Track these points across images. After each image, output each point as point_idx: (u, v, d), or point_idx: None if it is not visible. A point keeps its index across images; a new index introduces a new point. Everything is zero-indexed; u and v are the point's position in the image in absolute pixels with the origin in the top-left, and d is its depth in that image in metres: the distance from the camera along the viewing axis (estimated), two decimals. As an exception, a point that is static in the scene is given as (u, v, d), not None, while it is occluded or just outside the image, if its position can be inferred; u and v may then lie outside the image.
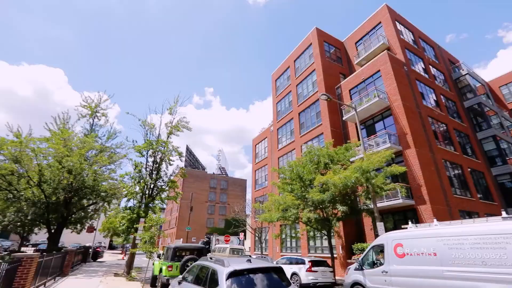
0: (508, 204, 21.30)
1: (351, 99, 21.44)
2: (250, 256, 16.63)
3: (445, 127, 20.75)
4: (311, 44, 26.23)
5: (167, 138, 17.02)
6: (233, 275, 4.98)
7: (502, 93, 34.55)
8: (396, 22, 23.05)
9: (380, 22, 23.42)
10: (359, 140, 15.53)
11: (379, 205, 15.59)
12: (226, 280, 4.85)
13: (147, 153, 16.30)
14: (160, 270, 11.48)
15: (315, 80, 24.34)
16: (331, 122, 21.59)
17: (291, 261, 14.58)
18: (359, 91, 21.00)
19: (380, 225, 11.46)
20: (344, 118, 20.74)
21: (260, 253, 24.77)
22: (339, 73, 25.27)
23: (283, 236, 22.63)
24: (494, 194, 21.13)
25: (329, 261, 15.03)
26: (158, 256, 12.83)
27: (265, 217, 16.14)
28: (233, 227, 29.30)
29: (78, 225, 20.34)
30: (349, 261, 16.49)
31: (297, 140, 25.00)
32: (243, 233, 27.33)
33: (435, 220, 8.52)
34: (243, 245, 26.44)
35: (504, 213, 7.26)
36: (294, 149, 25.16)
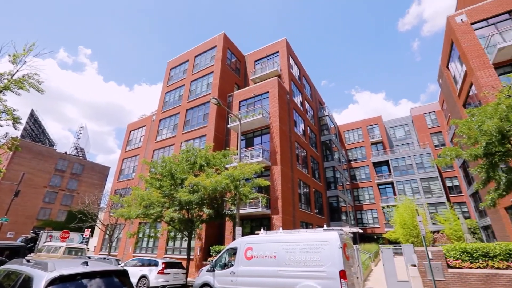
0: (332, 219, 28.39)
1: (239, 110, 22.80)
2: (89, 257, 14.12)
3: (305, 153, 25.44)
4: (215, 46, 26.39)
5: (-1, 93, 12.29)
6: (57, 281, 3.83)
7: (344, 136, 46.95)
8: (290, 56, 26.84)
9: (278, 51, 26.60)
10: (237, 149, 16.53)
11: (242, 211, 16.96)
12: None
13: (-48, 105, 11.12)
14: None
15: (210, 82, 24.46)
16: (216, 126, 22.11)
17: (142, 263, 13.50)
18: (248, 105, 22.70)
19: (238, 230, 12.35)
20: (229, 126, 21.72)
21: (107, 253, 21.53)
22: (234, 83, 26.52)
23: (140, 235, 20.70)
24: (325, 210, 27.54)
25: (185, 263, 14.83)
26: None
27: (122, 212, 14.22)
28: (79, 221, 24.20)
29: None
30: (204, 262, 16.80)
31: (179, 137, 24.03)
32: (89, 230, 23.03)
33: (280, 228, 9.97)
34: (87, 244, 22.23)
35: (325, 226, 9.36)
36: (174, 144, 24.00)
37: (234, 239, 13.49)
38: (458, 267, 9.53)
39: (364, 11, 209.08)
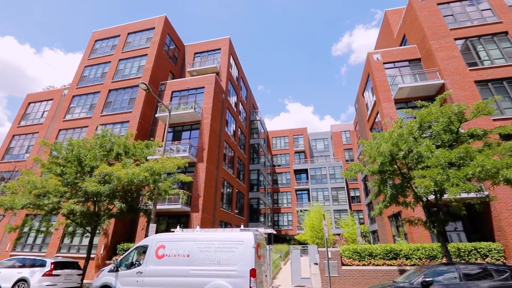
0: (251, 219, 29.43)
1: (171, 100, 21.49)
2: None
3: (232, 154, 25.69)
4: (153, 28, 24.31)
5: None
6: None
7: (272, 142, 49.48)
8: (231, 56, 26.86)
9: (220, 48, 26.31)
10: (163, 141, 15.47)
11: (159, 207, 15.91)
12: None
13: None
14: None
15: (142, 65, 22.33)
16: (143, 114, 20.28)
17: (23, 263, 11.33)
18: (181, 97, 21.62)
19: (152, 227, 11.47)
20: (156, 115, 20.21)
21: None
22: (169, 71, 24.92)
23: (26, 229, 17.08)
24: (245, 211, 28.30)
25: (83, 263, 13.01)
26: None
27: (2, 200, 11.47)
28: None
29: None
30: (108, 262, 15.13)
31: (95, 119, 21.03)
32: None
33: (198, 226, 9.72)
34: None
35: (242, 226, 9.60)
36: (88, 126, 20.85)
37: (147, 236, 12.49)
38: (349, 265, 11.14)
39: (306, 30, 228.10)
